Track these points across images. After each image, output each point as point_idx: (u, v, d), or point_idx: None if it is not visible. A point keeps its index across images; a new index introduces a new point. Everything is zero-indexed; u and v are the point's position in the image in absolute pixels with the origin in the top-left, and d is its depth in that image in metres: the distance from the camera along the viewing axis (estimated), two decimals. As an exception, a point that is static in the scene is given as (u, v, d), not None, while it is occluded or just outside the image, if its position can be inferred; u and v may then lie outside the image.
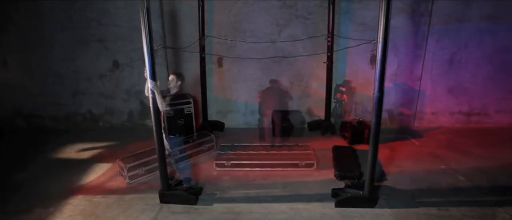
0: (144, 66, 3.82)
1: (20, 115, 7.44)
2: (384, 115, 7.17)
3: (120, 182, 4.90)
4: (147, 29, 3.69)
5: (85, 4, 6.61)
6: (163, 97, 4.03)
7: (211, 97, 7.07)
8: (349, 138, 6.20)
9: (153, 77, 3.83)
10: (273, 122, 6.40)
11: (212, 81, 7.03)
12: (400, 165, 5.32)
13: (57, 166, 5.50)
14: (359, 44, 4.69)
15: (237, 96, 7.15)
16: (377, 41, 3.67)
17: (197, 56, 6.74)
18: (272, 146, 5.93)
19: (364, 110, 7.13)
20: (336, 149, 5.65)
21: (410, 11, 6.44)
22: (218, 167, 5.24)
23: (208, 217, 4.03)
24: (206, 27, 6.53)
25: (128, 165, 4.85)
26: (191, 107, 6.26)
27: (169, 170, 4.40)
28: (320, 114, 7.10)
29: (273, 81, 6.72)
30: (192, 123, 6.25)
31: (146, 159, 5.08)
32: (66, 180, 4.97)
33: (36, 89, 7.21)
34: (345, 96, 6.84)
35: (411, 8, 6.41)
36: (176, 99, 4.56)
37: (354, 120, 6.41)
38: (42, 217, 4.07)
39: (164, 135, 4.21)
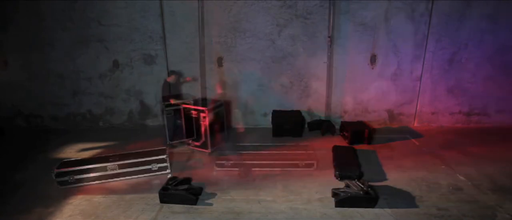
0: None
1: (20, 115, 7.44)
2: (384, 115, 7.17)
3: (120, 182, 4.91)
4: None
5: (85, 4, 6.61)
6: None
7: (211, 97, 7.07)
8: (349, 138, 6.20)
9: None
10: None
11: (212, 81, 7.03)
12: (400, 165, 5.32)
13: (57, 166, 5.50)
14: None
15: (237, 96, 7.14)
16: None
17: (197, 56, 6.75)
18: None
19: (364, 110, 7.13)
20: (336, 149, 5.65)
21: (410, 11, 6.43)
22: (218, 167, 5.24)
23: (208, 217, 4.03)
24: (205, 27, 6.53)
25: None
26: (191, 107, 6.26)
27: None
28: (320, 114, 7.11)
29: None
30: (192, 123, 6.24)
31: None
32: (66, 180, 4.97)
33: (36, 89, 7.21)
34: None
35: (411, 8, 6.41)
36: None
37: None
38: (42, 217, 4.07)
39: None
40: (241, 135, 6.76)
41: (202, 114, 5.73)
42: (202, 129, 5.81)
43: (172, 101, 5.87)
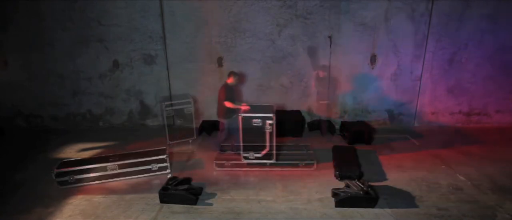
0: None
1: (20, 115, 7.44)
2: (384, 115, 7.17)
3: (120, 181, 4.91)
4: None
5: (85, 4, 6.61)
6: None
7: (211, 97, 7.05)
8: (349, 138, 6.20)
9: None
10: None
11: (212, 81, 7.02)
12: (400, 165, 5.32)
13: (57, 166, 5.50)
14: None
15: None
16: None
17: (197, 56, 6.74)
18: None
19: (364, 110, 7.13)
20: (336, 149, 5.65)
21: (410, 11, 6.43)
22: (218, 167, 5.24)
23: (208, 217, 4.04)
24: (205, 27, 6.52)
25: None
26: (191, 107, 6.27)
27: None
28: (320, 114, 7.11)
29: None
30: (192, 123, 6.26)
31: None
32: (66, 180, 4.97)
33: (36, 89, 7.21)
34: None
35: (411, 8, 6.41)
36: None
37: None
38: (42, 217, 4.07)
39: None
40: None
41: (268, 122, 5.17)
42: (267, 138, 5.22)
43: (242, 108, 5.33)
